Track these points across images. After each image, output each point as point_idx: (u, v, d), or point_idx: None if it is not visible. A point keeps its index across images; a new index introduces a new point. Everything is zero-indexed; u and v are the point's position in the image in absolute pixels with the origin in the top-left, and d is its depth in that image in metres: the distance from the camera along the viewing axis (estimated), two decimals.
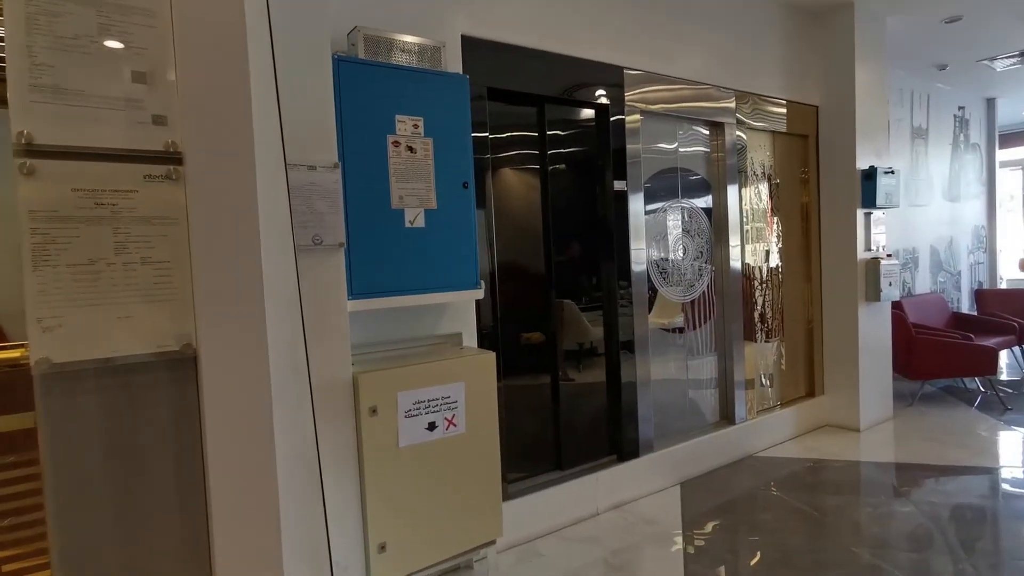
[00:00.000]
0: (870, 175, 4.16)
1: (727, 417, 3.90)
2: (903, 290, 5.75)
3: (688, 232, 3.72)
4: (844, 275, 4.28)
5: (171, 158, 1.03)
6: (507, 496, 2.75)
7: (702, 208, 3.82)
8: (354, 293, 2.08)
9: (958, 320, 5.74)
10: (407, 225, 2.21)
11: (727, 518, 3.02)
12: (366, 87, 2.12)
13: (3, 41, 0.93)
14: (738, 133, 3.88)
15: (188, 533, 1.12)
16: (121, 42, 0.98)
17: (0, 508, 1.64)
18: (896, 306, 4.76)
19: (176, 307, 1.04)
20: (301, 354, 1.30)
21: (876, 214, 4.29)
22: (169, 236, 1.04)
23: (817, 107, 4.36)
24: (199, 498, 1.09)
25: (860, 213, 4.22)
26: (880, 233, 4.33)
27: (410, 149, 2.22)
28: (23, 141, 0.94)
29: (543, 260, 3.09)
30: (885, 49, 4.37)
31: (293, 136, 1.82)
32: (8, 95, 0.92)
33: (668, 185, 3.64)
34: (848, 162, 4.22)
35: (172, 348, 1.05)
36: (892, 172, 4.24)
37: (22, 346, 1.70)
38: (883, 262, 4.22)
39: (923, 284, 6.15)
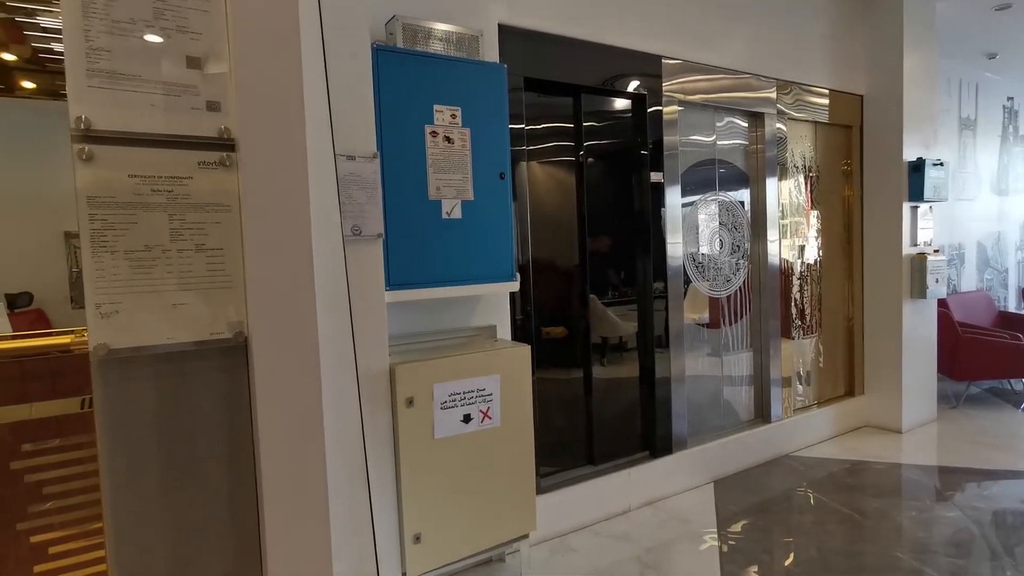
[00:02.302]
0: (918, 167, 4.00)
1: (762, 415, 3.81)
2: (948, 287, 5.55)
3: (725, 226, 3.64)
4: (888, 271, 4.14)
5: (225, 144, 1.03)
6: (539, 490, 2.73)
7: (739, 201, 3.73)
8: (391, 284, 2.07)
9: (1005, 319, 5.52)
10: (444, 216, 2.20)
11: (762, 518, 2.96)
12: (405, 76, 2.10)
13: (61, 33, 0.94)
14: (778, 124, 3.77)
15: (238, 516, 1.12)
16: (176, 27, 0.98)
17: (47, 491, 1.68)
18: (941, 304, 4.60)
19: (228, 295, 1.04)
20: (348, 343, 1.29)
21: (922, 208, 4.14)
22: (222, 223, 1.03)
23: (862, 96, 4.21)
24: (249, 482, 1.09)
25: (906, 207, 4.07)
26: (927, 228, 4.18)
27: (448, 139, 2.20)
28: (81, 126, 0.94)
29: (577, 253, 3.05)
30: (935, 35, 4.19)
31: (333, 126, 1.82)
32: (67, 80, 0.93)
33: (705, 178, 3.56)
34: (894, 154, 4.07)
35: (224, 335, 1.05)
36: (941, 164, 4.08)
37: (71, 332, 1.74)
38: (930, 258, 4.06)
39: (969, 281, 5.93)
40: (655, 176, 3.18)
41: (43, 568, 1.66)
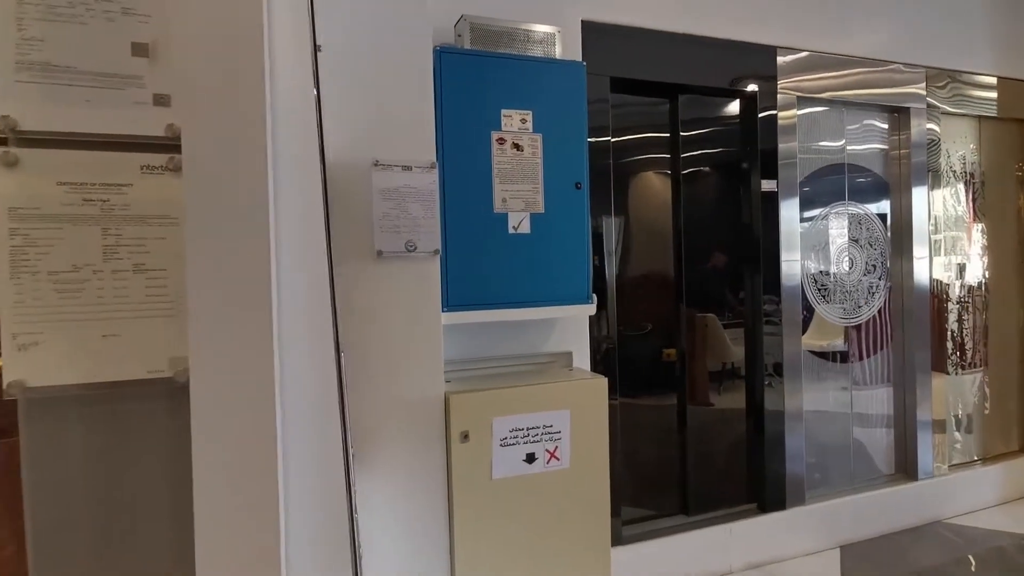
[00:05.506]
0: None
1: (906, 470, 3.17)
2: None
3: (856, 242, 3.10)
4: None
5: (173, 145, 0.90)
6: (620, 540, 2.42)
7: (877, 214, 3.16)
8: (449, 305, 1.91)
9: None
10: (510, 231, 2.01)
11: None
12: (470, 80, 1.96)
13: None
14: (928, 124, 3.16)
15: None
16: (121, 8, 0.86)
17: None
18: None
19: (172, 325, 0.90)
20: (331, 385, 1.10)
21: None
22: (168, 239, 0.90)
23: None
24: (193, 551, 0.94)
25: None
26: None
27: (516, 147, 2.01)
28: (6, 127, 0.85)
29: (672, 270, 2.71)
30: None
31: (387, 135, 1.73)
32: None
33: (831, 187, 3.06)
34: None
35: (165, 374, 0.90)
36: None
37: None
38: None
39: None
40: (767, 185, 2.76)
41: None
